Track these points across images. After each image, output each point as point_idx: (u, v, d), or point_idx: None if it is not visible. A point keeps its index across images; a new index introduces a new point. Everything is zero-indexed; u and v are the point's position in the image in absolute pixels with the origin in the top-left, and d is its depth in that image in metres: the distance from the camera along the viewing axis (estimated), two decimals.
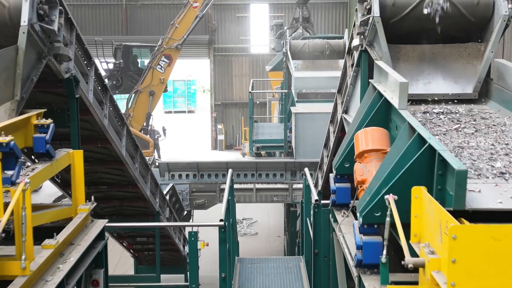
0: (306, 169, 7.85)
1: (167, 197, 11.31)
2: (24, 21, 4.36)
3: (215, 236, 5.99)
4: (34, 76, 4.65)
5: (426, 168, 3.74)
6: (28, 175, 3.96)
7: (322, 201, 6.47)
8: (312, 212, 6.68)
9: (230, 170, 7.91)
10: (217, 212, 6.72)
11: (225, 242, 5.94)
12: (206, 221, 6.48)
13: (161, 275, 10.86)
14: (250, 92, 15.98)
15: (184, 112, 44.50)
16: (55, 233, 4.21)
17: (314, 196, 6.59)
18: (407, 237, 3.53)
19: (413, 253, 3.50)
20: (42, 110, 4.61)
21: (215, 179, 13.38)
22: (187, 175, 13.38)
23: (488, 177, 3.79)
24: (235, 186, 11.63)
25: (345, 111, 7.25)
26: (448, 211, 3.22)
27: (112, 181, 8.38)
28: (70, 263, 4.18)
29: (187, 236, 12.11)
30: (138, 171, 8.52)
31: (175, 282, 12.87)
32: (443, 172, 3.57)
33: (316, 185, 8.94)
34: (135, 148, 8.33)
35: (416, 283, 3.51)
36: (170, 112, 43.69)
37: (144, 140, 21.64)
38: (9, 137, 3.81)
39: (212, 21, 31.17)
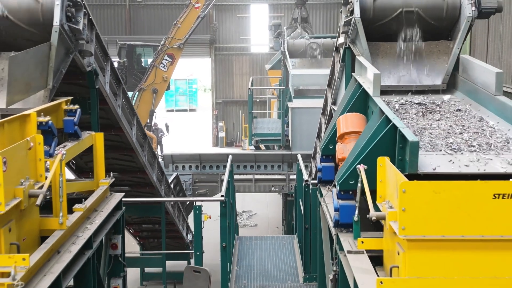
0: (299, 155, 8.66)
1: (172, 186, 12.11)
2: (56, 22, 5.17)
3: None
4: (63, 69, 5.47)
5: (390, 143, 4.55)
6: (61, 150, 4.77)
7: (312, 181, 7.27)
8: (303, 192, 7.49)
9: (230, 156, 8.72)
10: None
11: (225, 216, 6.75)
12: (207, 209, 7.21)
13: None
14: (249, 88, 16.78)
15: (186, 110, 45.26)
16: (83, 199, 5.03)
17: (305, 177, 7.40)
18: (374, 199, 4.34)
19: (379, 211, 4.31)
20: (70, 98, 5.43)
21: (217, 171, 14.19)
22: (190, 167, 14.19)
23: (441, 150, 4.60)
24: (236, 177, 12.42)
25: (334, 103, 8.05)
26: (405, 176, 4.02)
27: (123, 167, 9.18)
28: (95, 225, 5.00)
29: (190, 224, 12.94)
30: (147, 159, 9.33)
31: (178, 268, 13.63)
32: (403, 145, 4.38)
33: (310, 174, 9.73)
34: (144, 137, 9.14)
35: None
36: (172, 110, 44.46)
37: (147, 136, 22.43)
38: (48, 118, 4.63)
39: (213, 21, 31.95)
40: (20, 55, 4.75)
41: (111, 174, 5.86)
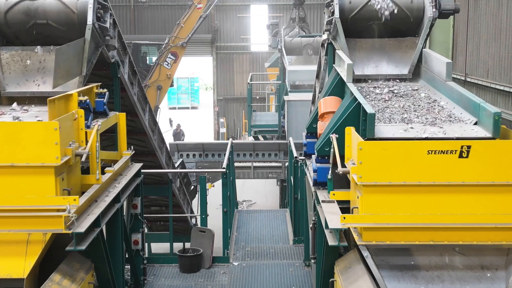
0: (291, 138, 9.87)
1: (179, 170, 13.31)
2: (89, 21, 6.38)
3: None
4: (93, 59, 6.69)
5: (356, 117, 5.75)
6: (97, 122, 5.99)
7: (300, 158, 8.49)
8: (293, 167, 8.71)
9: (230, 139, 9.94)
10: (219, 187, 8.70)
11: (226, 186, 7.97)
12: (210, 195, 8.28)
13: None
14: (248, 83, 18.00)
15: (188, 108, 46.50)
16: (112, 163, 6.25)
17: (294, 154, 8.62)
18: (343, 162, 5.55)
19: None
20: (99, 84, 6.66)
21: (218, 158, 15.40)
22: (194, 155, 15.41)
23: (396, 122, 5.81)
24: (236, 164, 13.61)
25: (321, 92, 9.25)
26: (366, 140, 5.23)
27: (136, 150, 10.38)
28: (122, 184, 6.22)
29: (193, 209, 14.13)
30: (157, 143, 10.54)
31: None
32: (365, 117, 5.58)
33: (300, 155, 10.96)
34: (154, 123, 10.35)
35: None
36: (174, 108, 45.67)
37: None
38: (86, 97, 5.85)
39: (214, 21, 33.17)
40: (64, 48, 5.97)
41: (132, 147, 7.09)
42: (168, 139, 28.08)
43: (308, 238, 7.66)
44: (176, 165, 13.21)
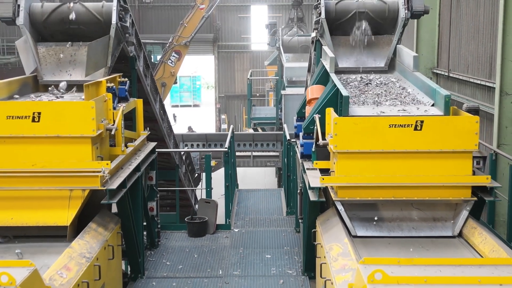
0: (285, 125, 11.10)
1: (183, 158, 14.54)
2: (114, 21, 7.61)
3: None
4: (116, 53, 7.92)
5: (335, 100, 6.97)
6: (121, 105, 7.23)
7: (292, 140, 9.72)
8: (286, 149, 9.95)
9: (231, 126, 11.18)
10: (222, 174, 9.92)
11: (228, 163, 9.20)
12: (214, 181, 9.49)
13: None
14: (248, 78, 19.24)
15: (190, 106, 47.80)
16: (133, 139, 7.49)
17: (288, 137, 9.86)
18: (324, 136, 6.78)
19: None
20: (121, 74, 7.90)
21: (220, 148, 16.62)
22: (198, 145, 16.65)
23: (368, 104, 7.04)
24: (237, 153, 14.83)
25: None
26: None
27: (148, 137, 11.62)
28: (141, 157, 7.46)
29: (197, 195, 15.35)
30: (166, 130, 11.77)
31: None
32: (341, 100, 6.81)
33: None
34: (164, 112, 11.58)
35: None
36: (177, 106, 46.93)
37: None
38: (112, 84, 7.09)
39: (216, 21, 34.43)
40: (94, 43, 7.21)
41: (148, 128, 8.33)
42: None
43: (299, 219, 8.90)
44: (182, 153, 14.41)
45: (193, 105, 47.83)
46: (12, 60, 32.95)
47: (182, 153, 14.67)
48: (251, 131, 19.29)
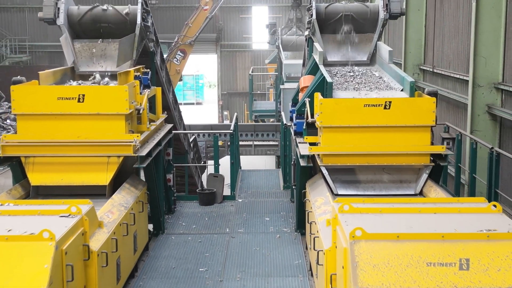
0: (283, 113, 12.63)
1: (191, 146, 16.06)
2: (139, 21, 9.12)
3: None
4: (139, 49, 9.42)
5: (322, 86, 8.48)
6: (146, 90, 8.74)
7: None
8: (283, 132, 11.47)
9: (235, 114, 12.71)
10: (226, 161, 11.44)
11: (233, 144, 10.74)
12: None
13: None
14: (250, 74, 20.75)
15: (193, 104, 49.28)
16: (154, 121, 9.02)
17: (284, 122, 11.38)
18: (313, 116, 8.28)
19: None
20: (143, 66, 9.42)
21: (224, 138, 18.15)
22: (204, 135, 18.17)
23: (349, 90, 8.55)
24: (240, 143, 16.34)
25: None
26: None
27: None
28: (161, 135, 8.98)
29: (203, 180, 16.85)
30: (177, 118, 13.28)
31: None
32: (326, 86, 8.32)
33: None
34: (175, 102, 13.10)
35: None
36: (180, 104, 47.99)
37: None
38: (138, 73, 8.62)
39: (219, 21, 35.95)
40: (123, 39, 8.73)
41: (165, 112, 9.85)
42: None
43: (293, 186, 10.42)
44: (190, 140, 15.92)
45: (196, 103, 49.31)
46: (24, 59, 34.48)
47: (190, 141, 16.20)
48: (252, 122, 20.85)
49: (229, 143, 18.45)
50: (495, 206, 5.58)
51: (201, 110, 46.00)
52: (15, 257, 4.80)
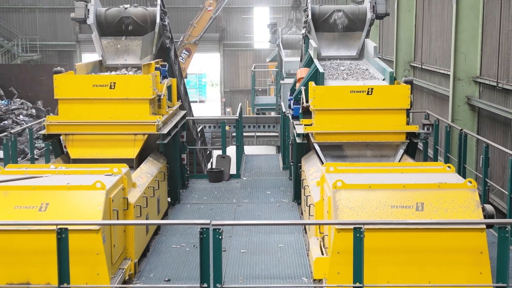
0: (283, 103, 14.08)
1: (199, 135, 17.51)
2: (157, 21, 10.58)
3: None
4: (158, 44, 10.88)
5: (316, 76, 9.92)
6: (165, 80, 10.19)
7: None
8: (283, 119, 12.94)
9: (240, 104, 14.16)
10: (231, 149, 12.92)
11: (239, 128, 12.22)
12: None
13: None
14: (252, 70, 22.20)
15: (196, 102, 50.68)
16: (170, 107, 10.49)
17: (284, 110, 12.85)
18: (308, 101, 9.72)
19: None
20: (161, 59, 10.88)
21: (228, 130, 19.58)
22: (209, 126, 19.62)
23: (339, 79, 9.99)
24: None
25: None
26: None
27: None
28: (177, 119, 10.44)
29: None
30: (187, 109, 14.73)
31: None
32: (319, 76, 9.75)
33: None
34: (186, 94, 14.55)
35: None
36: None
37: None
38: (158, 65, 10.08)
39: (222, 21, 37.40)
40: (145, 36, 10.19)
41: (180, 99, 11.31)
42: None
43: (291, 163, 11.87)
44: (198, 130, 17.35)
45: (199, 101, 50.75)
46: (35, 58, 35.92)
47: (197, 130, 17.65)
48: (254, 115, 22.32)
49: (233, 134, 20.02)
50: (449, 167, 7.03)
51: (204, 107, 47.37)
52: (75, 201, 6.25)
